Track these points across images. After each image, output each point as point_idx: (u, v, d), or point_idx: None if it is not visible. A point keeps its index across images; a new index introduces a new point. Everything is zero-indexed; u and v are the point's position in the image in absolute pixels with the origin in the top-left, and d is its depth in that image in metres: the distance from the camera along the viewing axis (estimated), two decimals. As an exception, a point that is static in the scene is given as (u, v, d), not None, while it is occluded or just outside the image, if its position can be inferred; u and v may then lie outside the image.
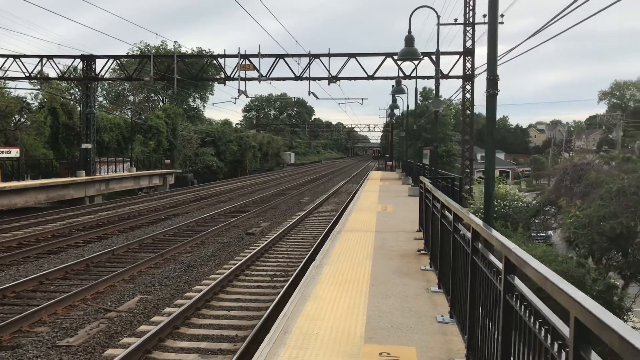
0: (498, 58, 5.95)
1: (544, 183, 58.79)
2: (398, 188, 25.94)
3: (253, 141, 67.54)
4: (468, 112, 28.66)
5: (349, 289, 6.63)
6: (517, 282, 2.91)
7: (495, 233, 3.46)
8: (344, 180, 47.27)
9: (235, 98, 39.61)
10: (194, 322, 8.60)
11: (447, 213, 6.04)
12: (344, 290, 6.54)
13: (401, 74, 26.42)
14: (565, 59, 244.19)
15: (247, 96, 30.48)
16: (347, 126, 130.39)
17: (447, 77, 26.02)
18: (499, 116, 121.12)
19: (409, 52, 12.10)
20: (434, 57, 26.67)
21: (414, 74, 26.63)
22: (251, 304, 9.62)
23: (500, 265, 3.27)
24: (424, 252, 9.07)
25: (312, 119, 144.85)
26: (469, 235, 4.33)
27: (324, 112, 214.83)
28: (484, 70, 20.26)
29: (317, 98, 29.76)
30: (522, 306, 2.69)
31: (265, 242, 15.01)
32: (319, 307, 5.81)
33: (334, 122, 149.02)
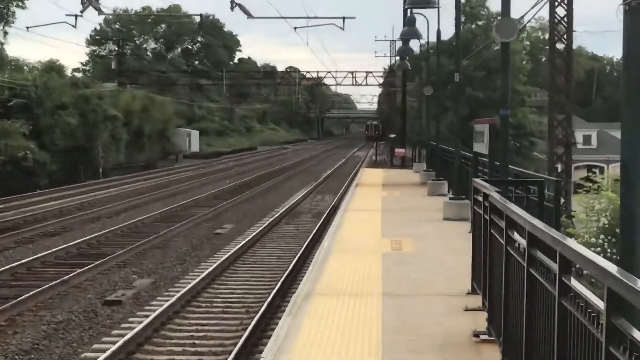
0: None
1: None
2: (421, 203, 25.99)
3: (111, 107, 66.87)
4: (560, 46, 29.08)
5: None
6: None
7: None
8: (306, 187, 47.35)
9: (76, 16, 39.28)
10: None
11: (545, 259, 6.04)
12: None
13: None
14: None
15: (100, 11, 30.14)
16: (308, 75, 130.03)
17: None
18: (603, 53, 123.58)
19: None
20: None
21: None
22: None
23: None
24: (487, 336, 9.14)
25: (237, 60, 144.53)
26: None
27: (262, 47, 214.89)
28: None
29: (249, 16, 29.13)
30: None
31: (131, 334, 14.81)
32: None
33: (281, 68, 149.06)
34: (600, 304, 4.41)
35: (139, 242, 24.98)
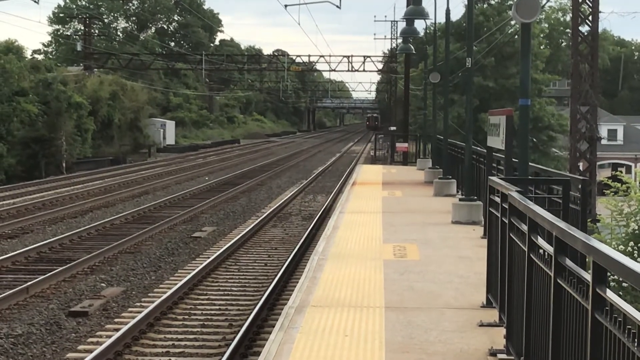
0: None
1: None
2: (426, 204, 25.93)
3: (76, 94, 66.64)
4: (584, 29, 29.07)
5: None
6: None
7: None
8: (295, 186, 47.50)
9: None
10: None
11: (575, 268, 6.00)
12: None
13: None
14: None
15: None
16: (298, 59, 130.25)
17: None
18: (631, 38, 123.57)
19: None
20: None
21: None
22: None
23: None
24: (505, 355, 9.20)
25: (218, 42, 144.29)
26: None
27: (246, 28, 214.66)
28: None
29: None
30: None
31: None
32: None
33: (267, 51, 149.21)
34: (643, 319, 4.37)
35: (108, 246, 24.83)
